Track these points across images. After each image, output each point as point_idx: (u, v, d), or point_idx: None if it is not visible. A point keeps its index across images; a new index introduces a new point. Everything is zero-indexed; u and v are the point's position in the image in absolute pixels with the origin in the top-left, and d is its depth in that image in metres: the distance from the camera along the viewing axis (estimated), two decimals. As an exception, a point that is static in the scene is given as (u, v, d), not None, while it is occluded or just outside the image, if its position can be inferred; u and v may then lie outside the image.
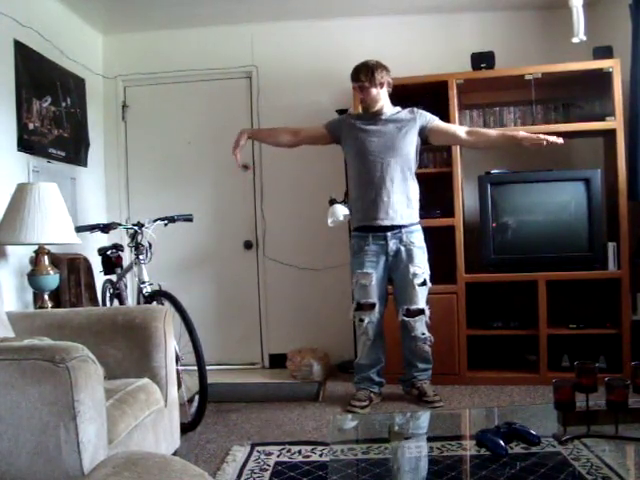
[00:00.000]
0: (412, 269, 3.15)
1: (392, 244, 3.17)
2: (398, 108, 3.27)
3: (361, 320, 3.21)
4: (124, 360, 2.26)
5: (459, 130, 3.27)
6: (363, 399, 3.22)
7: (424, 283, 3.19)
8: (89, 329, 2.31)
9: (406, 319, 3.18)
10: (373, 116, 3.23)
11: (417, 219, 3.24)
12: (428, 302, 3.22)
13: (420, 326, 3.19)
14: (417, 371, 3.28)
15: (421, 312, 3.19)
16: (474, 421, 2.30)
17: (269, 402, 3.41)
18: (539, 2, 4.02)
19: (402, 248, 3.17)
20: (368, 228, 3.20)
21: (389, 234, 3.16)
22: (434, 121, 3.24)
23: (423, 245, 3.22)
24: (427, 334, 3.21)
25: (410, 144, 3.20)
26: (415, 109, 3.27)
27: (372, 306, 3.19)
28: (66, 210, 3.02)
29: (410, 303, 3.17)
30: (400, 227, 3.17)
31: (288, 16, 4.22)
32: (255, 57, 4.35)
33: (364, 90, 3.18)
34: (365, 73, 3.16)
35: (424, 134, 3.22)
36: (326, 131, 3.37)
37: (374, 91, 3.17)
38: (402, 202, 3.17)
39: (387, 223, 3.15)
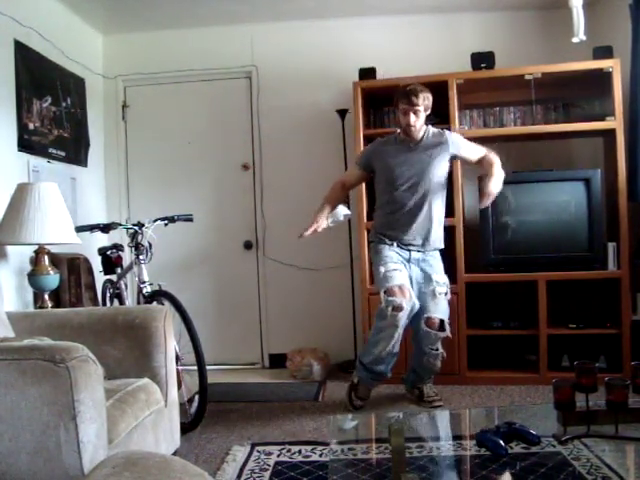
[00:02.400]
0: (435, 277, 3.09)
1: (414, 253, 3.14)
2: (426, 127, 3.19)
3: (397, 309, 2.89)
4: (124, 360, 2.26)
5: (474, 157, 3.17)
6: (364, 397, 3.20)
7: (446, 294, 3.09)
8: (89, 329, 2.31)
9: (427, 330, 3.01)
10: (408, 143, 3.15)
11: (441, 245, 3.22)
12: (450, 322, 3.10)
13: (438, 341, 3.04)
14: (424, 374, 3.21)
15: (442, 325, 3.03)
16: (474, 421, 2.30)
17: (269, 402, 3.41)
18: (539, 2, 4.02)
19: (425, 258, 3.15)
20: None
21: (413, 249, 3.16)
22: (460, 149, 3.15)
23: (440, 257, 3.20)
24: (441, 349, 3.07)
25: (441, 171, 3.14)
26: (446, 133, 3.19)
27: (407, 291, 2.96)
28: (66, 210, 3.02)
29: (430, 312, 3.03)
30: (425, 250, 3.16)
31: (288, 16, 4.22)
32: (255, 57, 4.35)
33: (417, 114, 3.07)
34: (422, 98, 3.05)
35: (454, 158, 3.21)
36: (360, 170, 3.32)
37: (424, 116, 3.11)
38: (430, 232, 3.14)
39: (416, 249, 3.14)
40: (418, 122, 3.09)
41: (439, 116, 3.77)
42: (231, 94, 4.43)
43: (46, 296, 3.04)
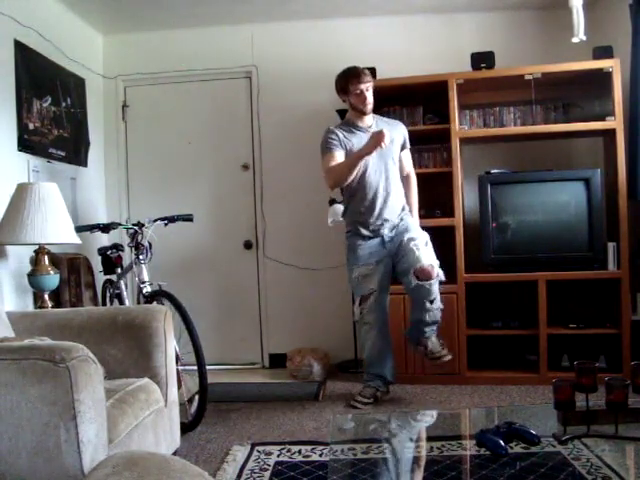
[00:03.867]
0: (407, 235, 3.14)
1: (387, 233, 3.19)
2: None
3: (361, 312, 3.19)
4: (124, 360, 2.26)
5: (406, 168, 3.34)
6: (368, 396, 3.22)
7: (426, 244, 3.13)
8: (89, 329, 2.31)
9: (419, 282, 3.03)
10: (364, 127, 3.18)
11: (406, 207, 3.30)
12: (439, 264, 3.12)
13: (435, 290, 3.07)
14: (426, 327, 3.16)
15: (432, 272, 3.03)
16: (474, 421, 2.30)
17: (269, 402, 3.41)
18: (539, 2, 4.02)
19: (395, 231, 3.20)
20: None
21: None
22: (406, 142, 3.30)
23: (412, 217, 3.28)
24: (439, 302, 3.10)
25: (397, 156, 3.24)
26: (394, 121, 3.36)
27: (375, 293, 3.15)
28: (66, 210, 3.02)
29: (415, 263, 3.04)
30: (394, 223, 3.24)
31: (288, 16, 4.22)
32: (255, 57, 4.35)
33: (369, 90, 3.13)
34: (368, 74, 3.12)
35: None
36: (343, 152, 3.15)
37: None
38: (400, 207, 3.24)
39: (388, 226, 3.20)
40: (372, 98, 3.14)
41: (439, 116, 3.78)
42: (231, 94, 4.43)
43: (46, 296, 3.04)
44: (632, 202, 3.53)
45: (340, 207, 3.61)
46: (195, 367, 2.75)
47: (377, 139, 2.93)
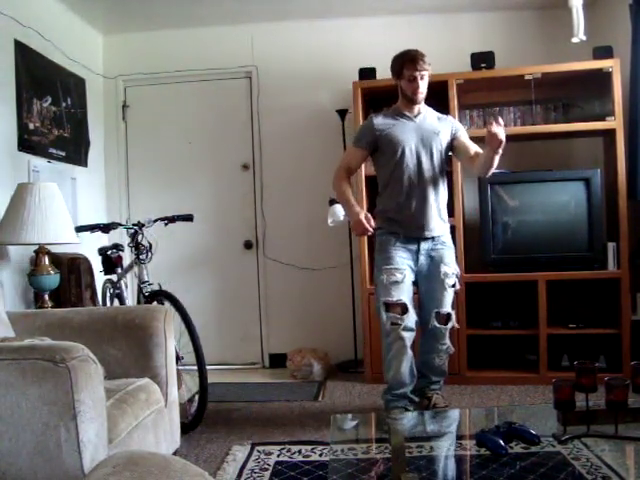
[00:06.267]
0: (443, 269, 2.90)
1: (424, 243, 2.93)
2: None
3: (395, 324, 2.80)
4: (124, 360, 2.26)
5: (471, 149, 2.95)
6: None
7: (454, 285, 2.94)
8: (89, 329, 2.31)
9: (437, 325, 2.89)
10: (410, 116, 2.96)
11: (448, 229, 3.05)
12: (454, 306, 2.99)
13: (447, 335, 2.93)
14: (430, 383, 3.06)
15: (449, 317, 2.92)
16: (474, 421, 2.30)
17: (269, 402, 3.41)
18: (539, 2, 4.03)
19: (434, 247, 2.95)
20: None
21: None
22: (459, 131, 3.00)
23: (453, 246, 3.04)
24: (449, 344, 2.95)
25: (444, 151, 2.96)
26: (448, 116, 3.11)
27: (405, 307, 2.82)
28: (66, 210, 3.02)
29: (440, 306, 2.89)
30: (434, 235, 2.96)
31: (288, 16, 4.22)
32: (255, 57, 4.35)
33: (424, 79, 2.88)
34: (427, 61, 2.86)
35: (451, 143, 2.99)
36: (365, 150, 3.00)
37: (427, 81, 2.93)
38: (440, 213, 2.95)
39: (427, 235, 2.92)
40: (425, 87, 2.92)
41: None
42: (231, 94, 4.43)
43: (46, 296, 3.04)
44: (632, 202, 3.53)
45: (340, 207, 3.61)
46: (195, 367, 2.75)
47: (356, 228, 2.84)
